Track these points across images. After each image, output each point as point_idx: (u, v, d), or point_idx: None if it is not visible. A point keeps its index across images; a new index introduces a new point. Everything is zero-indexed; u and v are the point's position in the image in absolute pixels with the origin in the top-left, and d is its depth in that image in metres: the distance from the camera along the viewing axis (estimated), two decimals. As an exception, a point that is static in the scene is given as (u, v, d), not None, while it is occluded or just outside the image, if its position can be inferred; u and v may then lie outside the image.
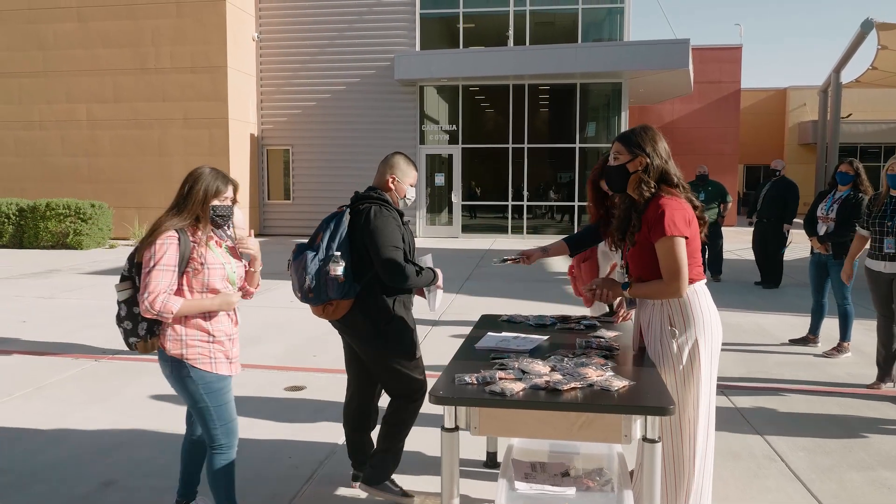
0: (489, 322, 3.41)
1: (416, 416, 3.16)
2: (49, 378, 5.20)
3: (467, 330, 3.36)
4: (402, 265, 2.95)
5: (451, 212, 17.42)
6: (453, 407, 2.24)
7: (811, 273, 6.16)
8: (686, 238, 2.57)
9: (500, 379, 2.35)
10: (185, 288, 2.62)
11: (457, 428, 2.26)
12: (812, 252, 6.15)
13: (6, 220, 14.45)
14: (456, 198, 17.21)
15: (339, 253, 2.91)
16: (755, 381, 5.14)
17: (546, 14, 17.57)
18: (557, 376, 2.36)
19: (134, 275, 2.67)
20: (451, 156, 17.25)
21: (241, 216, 5.39)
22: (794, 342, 6.29)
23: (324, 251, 2.93)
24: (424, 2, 17.00)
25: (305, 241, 3.06)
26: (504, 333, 3.08)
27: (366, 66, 17.10)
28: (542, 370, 2.43)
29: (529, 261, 3.28)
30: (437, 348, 5.85)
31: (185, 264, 2.60)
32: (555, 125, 17.64)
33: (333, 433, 4.09)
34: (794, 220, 9.10)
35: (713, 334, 2.70)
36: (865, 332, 6.49)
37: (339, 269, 2.88)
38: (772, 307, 8.00)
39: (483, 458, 3.65)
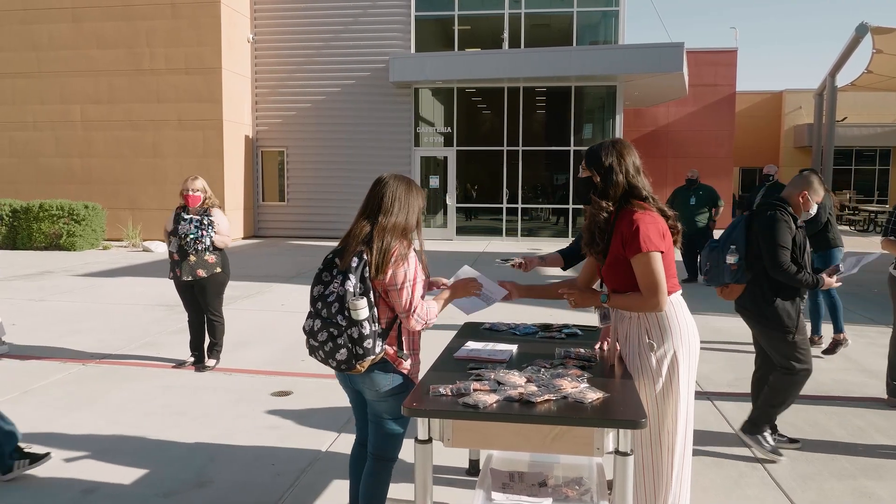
0: (471, 330, 3.42)
1: (792, 389, 3.72)
2: (36, 382, 5.19)
3: (453, 335, 3.36)
4: (783, 262, 3.53)
5: (445, 214, 17.41)
6: (427, 418, 2.24)
7: None
8: (662, 252, 2.57)
9: (475, 390, 2.35)
10: None
11: (430, 439, 2.26)
12: None
13: (-1, 221, 14.44)
14: (451, 200, 17.21)
15: (734, 246, 3.53)
16: (741, 387, 5.14)
17: (541, 16, 17.57)
18: (532, 388, 2.36)
19: (365, 291, 2.57)
20: (445, 158, 17.24)
21: (226, 222, 5.38)
22: None
23: (722, 244, 3.63)
24: (419, 4, 16.98)
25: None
26: (484, 343, 3.08)
27: (360, 68, 17.09)
28: (517, 381, 2.43)
29: (527, 268, 3.45)
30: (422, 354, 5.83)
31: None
32: (549, 128, 17.63)
33: (317, 439, 4.09)
34: None
35: (691, 345, 2.70)
36: (854, 339, 6.50)
37: (732, 259, 3.52)
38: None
39: (466, 465, 3.65)
